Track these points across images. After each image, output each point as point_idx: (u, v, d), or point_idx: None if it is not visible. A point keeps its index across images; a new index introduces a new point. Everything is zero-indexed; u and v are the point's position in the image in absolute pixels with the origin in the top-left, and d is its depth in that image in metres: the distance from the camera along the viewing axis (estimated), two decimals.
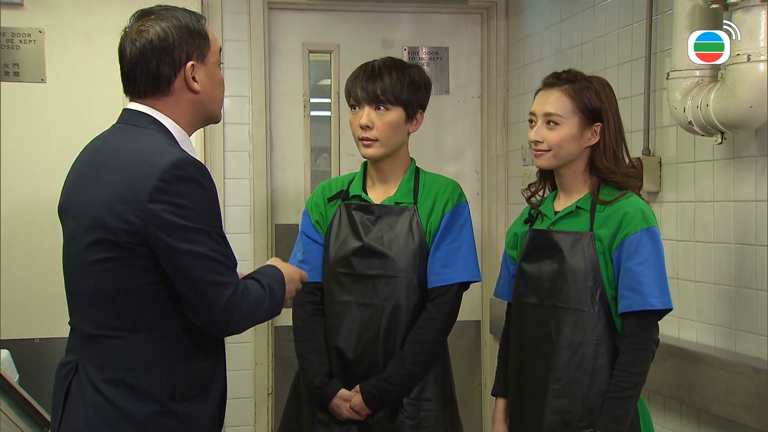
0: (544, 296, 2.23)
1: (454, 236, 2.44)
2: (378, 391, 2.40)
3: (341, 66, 4.30)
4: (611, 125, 2.24)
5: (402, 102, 2.44)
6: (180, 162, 1.80)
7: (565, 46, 3.76)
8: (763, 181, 2.59)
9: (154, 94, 1.91)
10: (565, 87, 2.25)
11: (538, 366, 2.24)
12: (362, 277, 2.45)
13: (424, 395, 2.42)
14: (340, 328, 2.46)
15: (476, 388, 4.49)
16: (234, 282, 1.85)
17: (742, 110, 2.45)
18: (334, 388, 2.45)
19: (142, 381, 1.84)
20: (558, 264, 2.21)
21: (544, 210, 2.34)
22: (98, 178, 1.86)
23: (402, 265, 2.42)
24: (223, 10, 4.10)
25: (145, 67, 1.88)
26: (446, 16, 4.42)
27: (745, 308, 2.67)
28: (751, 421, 2.53)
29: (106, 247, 1.81)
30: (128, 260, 1.81)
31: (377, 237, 2.45)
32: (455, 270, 2.43)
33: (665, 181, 3.04)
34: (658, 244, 2.16)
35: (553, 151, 2.25)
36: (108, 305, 1.85)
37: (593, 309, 2.16)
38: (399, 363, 2.40)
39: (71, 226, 1.91)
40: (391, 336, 2.42)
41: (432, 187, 2.48)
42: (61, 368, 1.95)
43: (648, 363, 2.14)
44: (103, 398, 1.84)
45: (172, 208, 1.77)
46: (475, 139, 4.48)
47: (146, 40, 1.87)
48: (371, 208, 2.49)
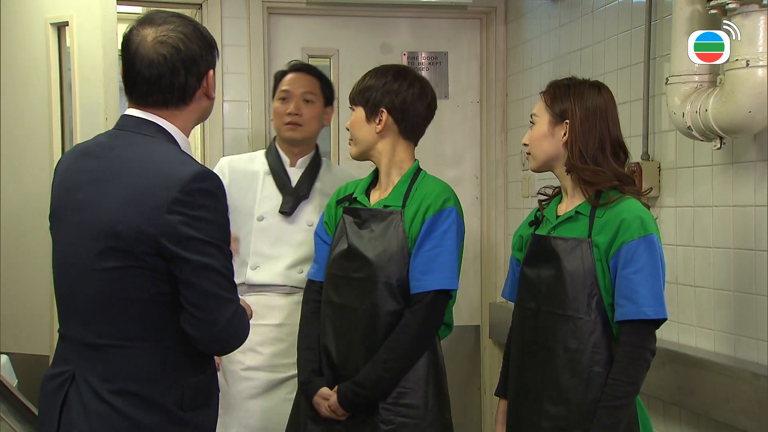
0: (542, 302, 2.23)
1: (434, 242, 2.41)
2: (351, 393, 2.42)
3: (341, 71, 4.31)
4: (577, 123, 2.21)
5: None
6: (201, 174, 1.80)
7: (564, 51, 3.76)
8: (762, 186, 2.59)
9: (177, 105, 1.88)
10: (547, 88, 2.30)
11: (535, 372, 2.24)
12: (349, 279, 2.48)
13: (403, 401, 2.41)
14: (329, 328, 2.52)
15: (476, 393, 4.48)
16: (237, 301, 1.86)
17: (741, 115, 2.46)
18: (316, 386, 2.50)
19: (153, 391, 1.83)
20: (555, 270, 2.20)
21: (547, 214, 2.33)
22: (106, 187, 1.83)
23: (381, 268, 2.43)
24: (222, 15, 4.10)
25: (174, 77, 1.85)
26: (445, 21, 4.42)
27: (745, 313, 2.67)
28: (750, 427, 2.52)
29: (117, 255, 1.79)
30: (139, 269, 1.79)
31: (361, 240, 2.48)
32: (432, 277, 2.41)
33: (664, 186, 3.04)
34: (655, 252, 2.13)
35: (532, 151, 2.29)
36: (115, 314, 1.82)
37: (590, 316, 2.15)
38: (371, 367, 2.41)
39: (69, 232, 1.88)
40: (369, 339, 2.43)
41: (421, 192, 2.48)
42: (52, 380, 1.89)
43: (642, 372, 2.12)
44: (111, 409, 1.81)
45: (188, 220, 1.77)
46: (474, 143, 4.48)
47: (173, 49, 1.84)
48: (359, 211, 2.53)
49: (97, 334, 1.84)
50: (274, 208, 2.93)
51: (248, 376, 2.89)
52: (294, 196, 2.92)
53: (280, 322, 2.89)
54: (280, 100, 2.96)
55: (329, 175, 3.02)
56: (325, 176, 3.01)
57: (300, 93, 2.95)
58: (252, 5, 4.14)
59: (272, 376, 2.89)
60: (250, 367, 2.88)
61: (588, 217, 2.21)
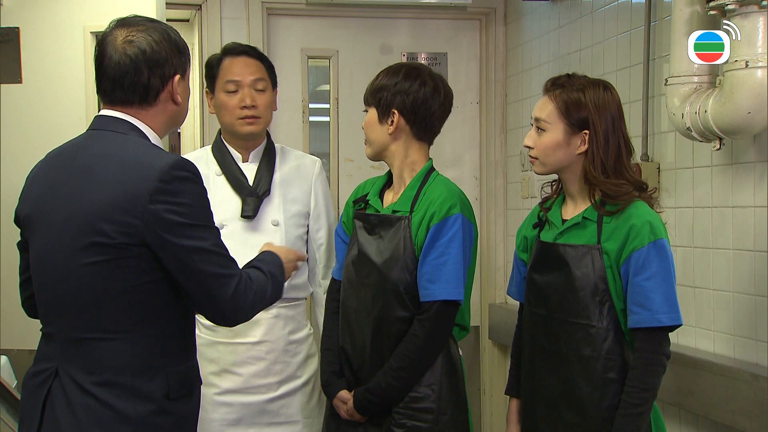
0: (553, 309, 2.21)
1: (440, 251, 2.37)
2: (364, 400, 2.44)
3: (340, 71, 4.31)
4: (599, 134, 2.15)
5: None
6: (177, 163, 1.85)
7: (563, 52, 3.76)
8: (762, 187, 2.59)
9: (140, 104, 1.94)
10: (556, 92, 2.20)
11: (549, 378, 2.21)
12: (361, 284, 2.47)
13: (415, 405, 2.40)
14: (345, 330, 2.52)
15: (475, 394, 4.48)
16: (238, 273, 1.91)
17: (741, 116, 2.46)
18: (336, 388, 2.52)
19: (138, 381, 1.85)
20: (565, 278, 2.17)
21: (551, 217, 2.29)
22: (83, 183, 1.87)
23: (389, 274, 2.41)
24: (222, 15, 4.10)
25: (136, 76, 1.91)
26: (445, 21, 4.43)
27: (744, 314, 2.67)
28: (749, 427, 2.53)
29: (100, 249, 1.82)
30: (122, 261, 1.83)
31: (370, 246, 2.47)
32: (438, 287, 2.37)
33: (664, 187, 3.04)
34: (666, 257, 2.11)
35: (540, 158, 2.22)
36: (99, 308, 1.85)
37: (602, 323, 2.13)
38: (382, 375, 2.41)
39: (48, 233, 1.90)
40: (379, 345, 2.43)
41: (428, 197, 2.45)
42: (33, 377, 1.92)
43: (659, 378, 2.11)
44: (95, 400, 1.84)
45: (173, 207, 1.82)
46: (473, 144, 4.48)
47: (138, 50, 1.90)
48: (369, 217, 2.50)
49: (81, 328, 1.87)
50: (233, 213, 2.65)
51: (224, 401, 2.65)
52: (254, 196, 2.65)
53: (259, 339, 2.67)
54: (228, 92, 2.65)
55: (286, 164, 2.78)
56: (283, 166, 2.76)
57: (250, 82, 2.65)
58: (251, 6, 4.14)
59: (251, 399, 2.67)
60: (227, 390, 2.65)
61: (596, 222, 2.17)
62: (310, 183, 2.80)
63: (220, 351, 2.67)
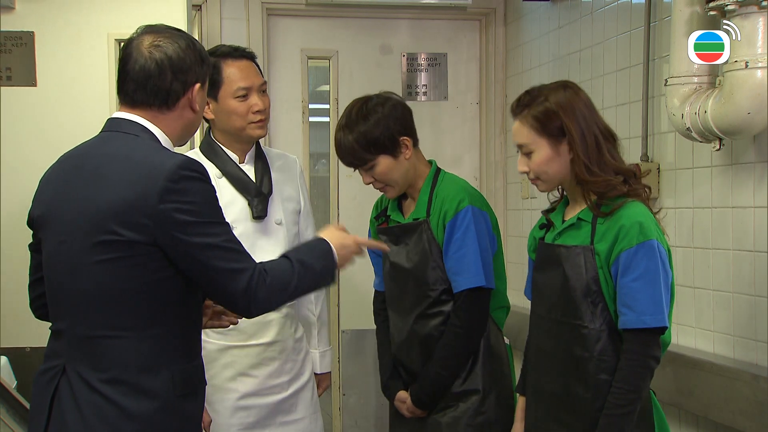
0: (550, 309, 2.22)
1: (458, 244, 2.52)
2: (421, 393, 2.59)
3: (340, 72, 4.31)
4: (575, 136, 2.15)
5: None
6: (184, 162, 1.88)
7: (563, 53, 3.76)
8: (761, 188, 2.59)
9: (159, 108, 1.97)
10: (524, 114, 2.20)
11: (547, 377, 2.23)
12: (401, 292, 2.63)
13: (457, 390, 2.55)
14: (394, 336, 2.69)
15: None
16: (250, 266, 1.91)
17: (740, 117, 2.46)
18: (394, 390, 2.69)
19: (144, 379, 1.87)
20: (560, 278, 2.19)
21: (553, 218, 2.31)
22: (94, 184, 1.89)
23: (424, 276, 2.56)
24: (222, 16, 4.11)
25: (160, 80, 1.94)
26: (445, 22, 4.43)
27: (744, 315, 2.67)
28: (749, 428, 2.53)
29: (111, 247, 1.85)
30: (132, 259, 1.85)
31: (400, 255, 2.61)
32: (463, 277, 2.53)
33: (663, 188, 3.04)
34: (655, 258, 2.09)
35: (540, 177, 2.24)
36: (108, 305, 1.87)
37: (594, 324, 2.13)
38: (430, 367, 2.57)
39: (60, 232, 1.92)
40: (423, 343, 2.58)
41: (440, 197, 2.57)
42: (43, 374, 1.94)
43: (645, 380, 2.11)
44: (101, 398, 1.85)
45: (182, 206, 1.84)
46: (473, 145, 4.49)
47: (165, 55, 1.94)
48: (392, 230, 2.65)
49: (90, 325, 1.88)
50: (241, 214, 2.65)
51: (243, 405, 2.68)
52: (262, 196, 2.67)
53: (272, 339, 2.70)
54: (238, 98, 2.63)
55: (274, 163, 2.80)
56: (273, 166, 2.78)
57: (258, 86, 2.67)
58: (251, 6, 4.14)
59: (266, 401, 2.70)
60: (245, 394, 2.67)
61: (590, 223, 2.18)
62: (296, 181, 2.85)
63: (235, 355, 2.69)
